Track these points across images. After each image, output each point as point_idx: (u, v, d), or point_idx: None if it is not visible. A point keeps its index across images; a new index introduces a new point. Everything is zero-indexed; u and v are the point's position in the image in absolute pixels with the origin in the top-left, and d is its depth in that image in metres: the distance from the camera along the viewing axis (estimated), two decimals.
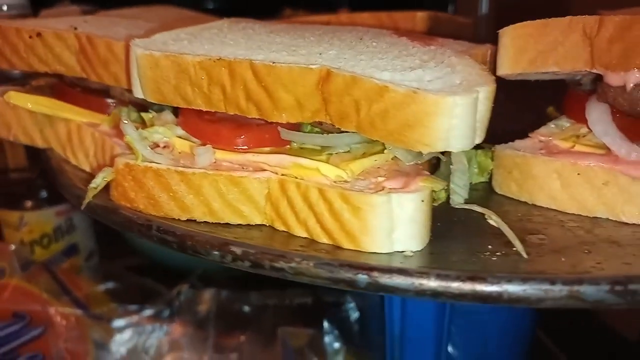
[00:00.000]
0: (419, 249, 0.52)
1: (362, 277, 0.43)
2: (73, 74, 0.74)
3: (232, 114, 0.58)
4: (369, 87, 0.50)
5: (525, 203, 0.63)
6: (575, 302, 0.40)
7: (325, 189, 0.53)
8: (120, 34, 0.74)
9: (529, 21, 0.62)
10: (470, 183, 0.69)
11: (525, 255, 0.50)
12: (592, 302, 0.40)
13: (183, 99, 0.59)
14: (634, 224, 0.56)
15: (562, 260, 0.49)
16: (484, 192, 0.67)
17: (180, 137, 0.65)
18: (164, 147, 0.65)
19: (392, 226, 0.51)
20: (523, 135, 0.68)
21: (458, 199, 0.56)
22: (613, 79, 0.58)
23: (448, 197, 0.62)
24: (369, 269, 0.44)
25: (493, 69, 0.65)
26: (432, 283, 0.42)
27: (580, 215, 0.59)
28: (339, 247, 0.52)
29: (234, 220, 0.58)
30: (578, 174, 0.58)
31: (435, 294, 0.42)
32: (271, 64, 0.54)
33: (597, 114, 0.60)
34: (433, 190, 0.56)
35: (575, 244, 0.52)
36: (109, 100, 0.78)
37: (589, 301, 0.40)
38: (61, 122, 0.75)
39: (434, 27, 0.97)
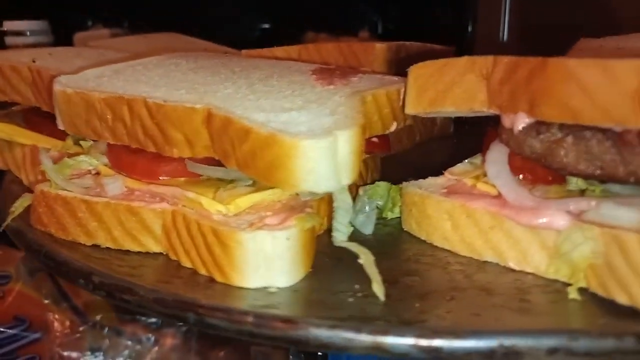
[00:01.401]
0: (287, 286, 0.53)
1: (190, 315, 0.45)
2: (29, 103, 0.80)
3: (135, 147, 0.61)
4: (239, 128, 0.52)
5: (425, 241, 0.62)
6: (381, 353, 0.40)
7: (202, 223, 0.55)
8: (76, 66, 0.80)
9: (430, 61, 0.62)
10: (385, 218, 0.70)
11: (382, 298, 0.49)
12: (397, 354, 0.40)
13: (93, 132, 0.63)
14: (520, 271, 0.55)
15: (416, 306, 0.48)
16: (394, 229, 0.66)
17: (106, 165, 0.69)
18: (95, 173, 0.69)
19: (258, 263, 0.52)
20: None
21: (340, 237, 0.57)
22: (505, 120, 0.57)
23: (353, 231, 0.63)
24: (198, 306, 0.45)
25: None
26: (248, 325, 0.43)
27: (471, 258, 0.58)
28: (214, 280, 0.54)
29: (134, 247, 0.61)
30: (467, 216, 0.57)
31: (251, 335, 0.43)
32: (161, 102, 0.57)
33: (495, 155, 0.58)
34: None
35: (444, 290, 0.51)
36: None
37: (393, 353, 0.40)
38: (19, 145, 0.81)
39: (395, 58, 0.98)
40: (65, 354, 1.38)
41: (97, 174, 0.69)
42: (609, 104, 0.47)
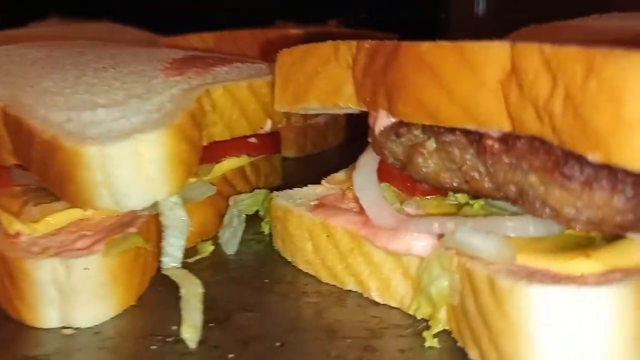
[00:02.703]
0: (89, 326, 0.43)
1: None
2: None
3: None
4: (27, 129, 0.42)
5: (291, 264, 0.52)
6: None
7: None
8: None
9: (295, 47, 0.51)
10: (263, 232, 0.59)
11: (191, 346, 0.39)
12: None
13: None
14: (385, 304, 0.45)
15: (228, 357, 0.38)
16: (266, 246, 0.56)
17: None
18: None
19: (51, 297, 0.42)
20: None
21: (170, 262, 0.46)
22: (370, 119, 0.46)
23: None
24: None
25: None
26: None
27: (334, 286, 0.48)
28: (9, 318, 0.44)
29: None
30: (327, 235, 0.47)
31: None
32: None
33: (365, 162, 0.48)
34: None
35: (280, 331, 0.41)
36: None
37: None
38: None
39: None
40: None
41: None
42: (468, 99, 0.36)
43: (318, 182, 0.56)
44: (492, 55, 0.35)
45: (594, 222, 0.33)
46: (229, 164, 0.61)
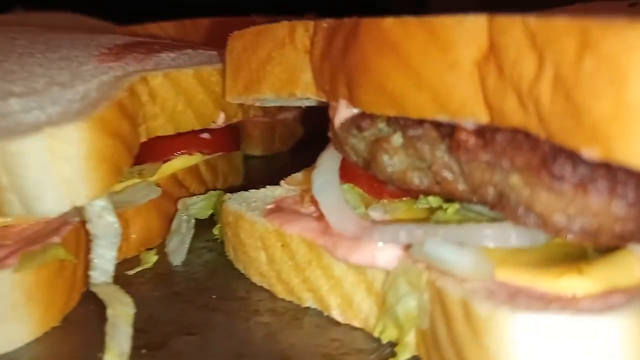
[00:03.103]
0: (1, 353, 0.36)
1: None
2: None
3: None
4: None
5: (245, 276, 0.46)
6: None
7: None
8: None
9: (248, 29, 0.45)
10: (217, 240, 0.53)
11: None
12: None
13: None
14: (347, 324, 0.39)
15: None
16: (217, 255, 0.50)
17: None
18: None
19: None
20: None
21: (99, 276, 0.40)
22: (330, 111, 0.41)
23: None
24: None
25: None
26: None
27: (291, 302, 0.42)
28: None
29: None
30: (282, 245, 0.41)
31: None
32: None
33: (325, 160, 0.42)
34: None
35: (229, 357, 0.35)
36: None
37: None
38: None
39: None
40: None
41: None
42: (439, 84, 0.31)
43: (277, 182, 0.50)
44: (467, 30, 0.29)
45: (588, 231, 0.27)
46: (179, 163, 0.54)
